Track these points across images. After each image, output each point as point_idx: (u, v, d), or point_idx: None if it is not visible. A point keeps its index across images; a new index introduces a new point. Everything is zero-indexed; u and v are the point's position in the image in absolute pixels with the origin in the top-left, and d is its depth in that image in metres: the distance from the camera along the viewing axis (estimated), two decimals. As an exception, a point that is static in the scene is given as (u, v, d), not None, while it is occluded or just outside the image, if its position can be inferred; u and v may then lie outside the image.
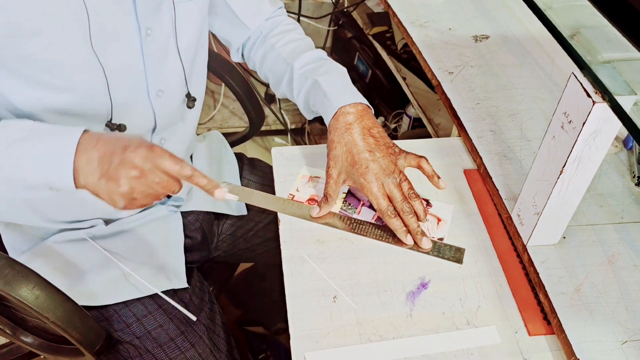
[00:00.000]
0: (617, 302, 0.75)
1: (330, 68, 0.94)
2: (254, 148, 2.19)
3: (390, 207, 0.82)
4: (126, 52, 0.81)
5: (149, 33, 0.82)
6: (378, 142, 0.86)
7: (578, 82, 0.66)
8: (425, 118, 1.51)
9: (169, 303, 0.93)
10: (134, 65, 0.83)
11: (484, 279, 0.81)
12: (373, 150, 0.84)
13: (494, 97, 1.07)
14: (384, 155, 0.85)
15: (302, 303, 0.77)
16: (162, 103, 0.89)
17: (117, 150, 0.70)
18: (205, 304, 0.98)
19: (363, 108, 0.88)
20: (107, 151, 0.70)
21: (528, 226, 0.80)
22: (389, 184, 0.83)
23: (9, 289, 0.81)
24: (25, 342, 0.98)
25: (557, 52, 1.18)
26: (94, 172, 0.70)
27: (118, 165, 0.69)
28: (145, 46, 0.82)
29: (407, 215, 0.82)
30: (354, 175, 0.84)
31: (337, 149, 0.86)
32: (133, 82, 0.85)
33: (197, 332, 0.93)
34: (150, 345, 0.91)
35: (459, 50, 1.19)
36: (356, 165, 0.84)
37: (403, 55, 1.69)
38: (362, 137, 0.85)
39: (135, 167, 0.69)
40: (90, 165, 0.70)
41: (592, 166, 0.71)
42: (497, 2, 1.36)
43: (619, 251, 0.82)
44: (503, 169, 0.93)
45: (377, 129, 0.87)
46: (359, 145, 0.85)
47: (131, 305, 0.93)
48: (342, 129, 0.86)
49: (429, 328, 0.75)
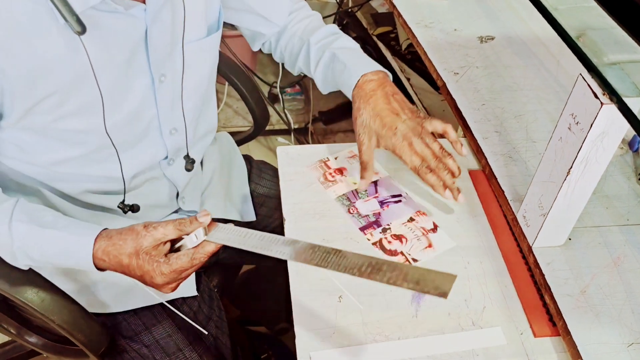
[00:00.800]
0: (623, 304, 0.75)
1: (344, 41, 0.97)
2: (258, 148, 2.19)
3: (424, 164, 0.84)
4: (139, 102, 0.80)
5: (162, 80, 0.81)
6: (402, 106, 0.88)
7: (586, 83, 0.66)
8: (429, 119, 1.51)
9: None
10: (146, 112, 0.82)
11: (489, 280, 0.81)
12: (399, 113, 0.87)
13: (499, 98, 1.07)
14: (411, 117, 0.87)
15: (307, 302, 0.77)
16: (175, 139, 0.89)
17: (137, 279, 0.75)
18: (214, 312, 0.98)
19: (384, 75, 0.91)
20: (123, 272, 0.75)
21: (534, 227, 0.80)
22: (419, 143, 0.85)
23: (15, 292, 0.81)
24: (29, 341, 0.99)
25: (563, 53, 1.18)
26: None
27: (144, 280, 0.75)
28: (159, 92, 0.81)
29: (442, 172, 0.84)
30: (385, 136, 0.86)
31: (364, 115, 0.87)
32: (144, 125, 0.84)
33: (205, 342, 0.93)
34: (159, 355, 0.91)
35: (464, 51, 1.19)
36: (385, 127, 0.86)
37: (407, 56, 1.69)
38: (386, 101, 0.87)
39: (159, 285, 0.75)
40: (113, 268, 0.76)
41: (599, 168, 0.71)
42: (502, 3, 1.35)
43: (625, 253, 0.81)
44: (508, 170, 0.93)
45: (400, 95, 0.89)
46: (386, 109, 0.87)
47: (140, 313, 0.93)
48: (367, 95, 0.88)
49: (435, 329, 0.75)
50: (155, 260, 0.72)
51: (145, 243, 0.72)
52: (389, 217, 0.88)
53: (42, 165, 0.81)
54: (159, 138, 0.86)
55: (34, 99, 0.70)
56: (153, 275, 0.73)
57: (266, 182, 1.17)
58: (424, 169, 0.84)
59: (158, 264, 0.72)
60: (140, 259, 0.72)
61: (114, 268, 0.75)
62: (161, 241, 0.73)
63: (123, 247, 0.73)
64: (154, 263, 0.72)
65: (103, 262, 0.75)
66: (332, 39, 0.97)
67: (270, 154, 2.16)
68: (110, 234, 0.75)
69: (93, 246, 0.74)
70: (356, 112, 0.88)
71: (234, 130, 2.10)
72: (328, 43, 0.96)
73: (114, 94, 0.76)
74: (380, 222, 0.88)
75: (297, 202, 0.90)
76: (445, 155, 0.85)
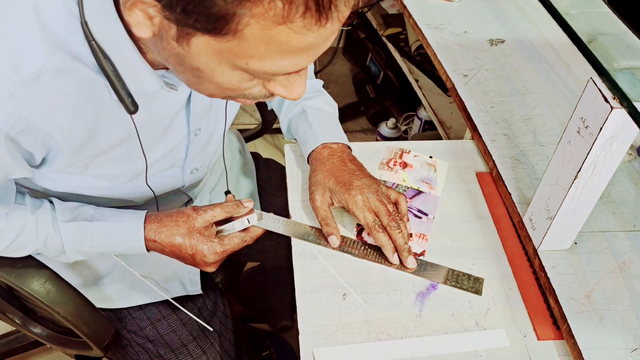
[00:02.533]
0: (627, 309, 0.75)
1: (321, 102, 0.96)
2: (264, 145, 2.19)
3: (377, 221, 0.81)
4: (173, 149, 0.80)
5: (197, 133, 0.81)
6: (360, 168, 0.87)
7: (596, 87, 0.66)
8: (437, 120, 1.51)
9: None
10: (175, 156, 0.82)
11: (494, 282, 0.81)
12: (355, 173, 0.85)
13: (508, 101, 1.07)
14: (367, 176, 0.85)
15: (311, 299, 0.77)
16: (194, 177, 0.89)
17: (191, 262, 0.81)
18: (218, 308, 0.98)
19: (344, 147, 0.89)
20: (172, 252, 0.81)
21: (540, 231, 0.80)
22: (373, 199, 0.82)
23: (21, 283, 0.82)
24: (33, 332, 0.99)
25: (573, 58, 1.17)
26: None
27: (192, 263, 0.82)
28: (192, 144, 0.82)
29: (394, 230, 0.80)
30: (338, 192, 0.83)
31: (319, 175, 0.86)
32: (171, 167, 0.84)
33: (209, 338, 0.94)
34: (163, 350, 0.91)
35: (474, 54, 1.19)
36: (339, 184, 0.83)
37: (416, 57, 1.69)
38: (342, 164, 0.86)
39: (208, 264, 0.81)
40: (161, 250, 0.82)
41: (607, 172, 0.71)
42: (513, 7, 1.35)
43: (631, 259, 0.81)
44: (516, 173, 0.93)
45: (357, 161, 0.88)
46: (341, 169, 0.85)
47: (145, 308, 0.93)
48: (323, 159, 0.87)
49: (438, 329, 0.75)
50: (209, 240, 0.79)
51: (197, 224, 0.79)
52: None
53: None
54: (179, 174, 0.86)
55: (78, 158, 0.70)
56: (206, 253, 0.79)
57: (274, 180, 1.17)
58: (376, 227, 0.80)
59: (212, 244, 0.79)
60: (194, 239, 0.79)
61: (164, 248, 0.80)
62: (210, 222, 0.80)
63: (175, 229, 0.79)
64: (208, 242, 0.79)
65: (154, 243, 0.80)
66: (310, 96, 0.96)
67: (277, 151, 2.16)
68: (159, 217, 0.80)
69: (144, 229, 0.79)
70: (311, 174, 0.87)
71: (241, 127, 2.10)
72: (304, 98, 0.95)
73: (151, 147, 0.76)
74: None
75: (304, 199, 0.90)
76: (398, 216, 0.82)
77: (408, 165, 0.97)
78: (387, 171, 0.96)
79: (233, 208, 0.81)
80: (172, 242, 0.79)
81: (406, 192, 0.92)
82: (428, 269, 0.81)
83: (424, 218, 0.88)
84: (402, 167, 0.97)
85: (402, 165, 0.97)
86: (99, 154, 0.71)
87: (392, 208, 0.82)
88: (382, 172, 0.96)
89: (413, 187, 0.93)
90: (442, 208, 0.91)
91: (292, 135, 0.97)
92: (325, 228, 0.83)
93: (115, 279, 0.93)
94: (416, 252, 0.83)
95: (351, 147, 0.91)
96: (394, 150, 1.00)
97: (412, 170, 0.96)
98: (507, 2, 1.38)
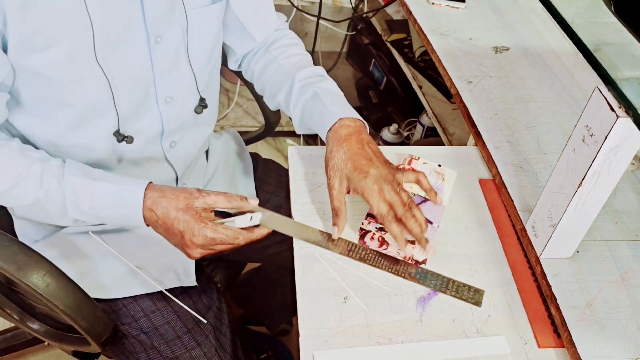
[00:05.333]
0: (629, 319, 0.75)
1: (329, 84, 0.97)
2: (266, 148, 2.19)
3: (391, 212, 0.81)
4: (134, 61, 0.81)
5: (158, 41, 0.81)
6: (376, 154, 0.86)
7: (602, 96, 0.66)
8: (439, 127, 1.51)
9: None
10: (142, 74, 0.83)
11: (495, 289, 0.81)
12: (372, 159, 0.85)
13: (512, 109, 1.07)
14: (383, 165, 0.85)
15: (312, 302, 0.77)
16: (170, 109, 0.89)
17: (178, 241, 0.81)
18: (213, 303, 0.98)
19: (361, 124, 0.89)
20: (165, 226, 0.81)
21: (542, 238, 0.80)
22: (389, 190, 0.82)
23: (21, 275, 0.81)
24: (32, 328, 0.99)
25: (577, 67, 1.18)
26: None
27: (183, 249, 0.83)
28: (155, 54, 0.82)
29: (409, 220, 0.80)
30: (355, 180, 0.83)
31: (336, 158, 0.85)
32: (141, 90, 0.85)
33: (204, 331, 0.93)
34: (157, 342, 0.91)
35: (479, 61, 1.19)
36: (356, 170, 0.83)
37: (420, 64, 1.69)
38: (360, 147, 0.86)
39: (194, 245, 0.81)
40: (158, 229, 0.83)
41: (611, 181, 0.71)
42: (518, 15, 1.36)
43: (633, 268, 0.81)
44: (519, 180, 0.93)
45: (375, 145, 0.88)
46: (359, 154, 0.85)
47: (140, 300, 0.93)
48: (341, 139, 0.86)
49: (439, 334, 0.75)
50: (202, 221, 0.79)
51: (197, 203, 0.79)
52: None
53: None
54: (154, 106, 0.87)
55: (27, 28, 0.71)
56: (196, 233, 0.78)
57: (272, 180, 1.17)
58: (389, 218, 0.80)
59: (204, 226, 0.78)
60: (188, 215, 0.78)
61: (158, 220, 0.80)
62: (211, 207, 0.80)
63: (174, 201, 0.79)
64: (201, 223, 0.78)
65: (150, 212, 0.80)
66: (318, 80, 0.97)
67: (279, 154, 2.17)
68: (162, 188, 0.81)
69: (144, 196, 0.80)
70: (328, 154, 0.87)
71: (243, 129, 2.11)
72: (313, 82, 0.96)
73: (109, 38, 0.77)
74: None
75: (306, 202, 0.90)
76: (413, 206, 0.82)
77: (418, 172, 0.96)
78: None
79: (237, 201, 0.81)
80: (167, 214, 0.79)
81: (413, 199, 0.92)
82: (429, 277, 0.81)
83: (429, 227, 0.88)
84: None
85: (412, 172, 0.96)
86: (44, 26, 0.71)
87: (407, 197, 0.82)
88: None
89: (420, 195, 0.92)
90: (444, 214, 0.91)
91: (306, 123, 0.96)
92: (334, 218, 0.84)
93: (109, 268, 0.93)
94: (418, 260, 0.83)
95: (367, 126, 0.91)
96: (403, 156, 0.99)
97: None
98: (512, 9, 1.38)
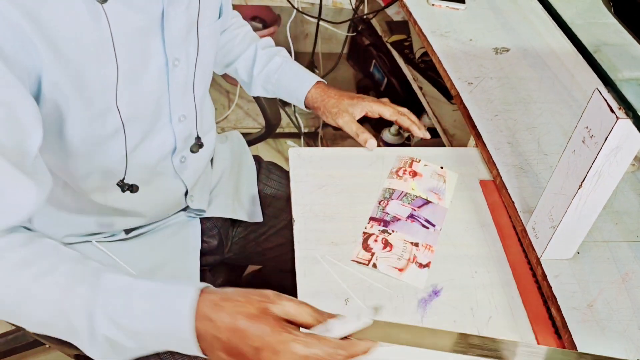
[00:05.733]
0: (630, 320, 0.75)
1: (287, 53, 1.13)
2: (266, 150, 2.19)
3: (395, 111, 1.05)
4: (151, 87, 0.80)
5: (176, 64, 0.80)
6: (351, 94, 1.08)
7: (602, 97, 0.66)
8: (440, 128, 1.51)
9: None
10: (158, 97, 0.82)
11: (496, 290, 0.81)
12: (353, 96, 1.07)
13: (512, 110, 1.07)
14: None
15: (313, 304, 0.76)
16: (182, 127, 0.88)
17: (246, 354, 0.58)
18: None
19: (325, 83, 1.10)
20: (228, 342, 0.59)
21: (543, 239, 0.80)
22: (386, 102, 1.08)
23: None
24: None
25: (578, 68, 1.18)
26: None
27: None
28: (172, 78, 0.81)
29: (410, 115, 1.07)
30: (356, 105, 1.04)
31: (331, 101, 1.05)
32: (155, 112, 0.83)
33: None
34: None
35: (479, 62, 1.19)
36: (353, 99, 1.05)
37: (420, 65, 1.69)
38: (339, 91, 1.07)
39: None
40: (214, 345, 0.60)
41: (612, 182, 0.71)
42: (518, 16, 1.36)
43: (634, 269, 0.81)
44: (519, 181, 0.93)
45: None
46: (344, 94, 1.06)
47: None
48: (323, 92, 1.07)
49: (440, 336, 0.75)
50: (287, 331, 0.57)
51: (275, 310, 0.59)
52: (401, 228, 0.88)
53: None
54: (168, 125, 0.86)
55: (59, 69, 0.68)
56: (280, 349, 0.56)
57: (274, 183, 1.17)
58: (397, 114, 1.04)
59: (294, 338, 0.57)
60: (265, 324, 0.58)
61: (219, 333, 0.59)
62: (290, 318, 0.60)
63: (243, 306, 0.59)
64: (285, 334, 0.57)
65: (206, 323, 0.59)
66: (278, 49, 1.13)
67: (279, 156, 2.17)
68: (223, 289, 0.63)
69: (198, 297, 0.60)
70: (321, 104, 1.05)
71: (244, 131, 2.11)
72: (276, 51, 1.12)
73: (129, 70, 0.75)
74: (389, 224, 0.88)
75: (307, 203, 0.91)
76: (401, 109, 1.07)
77: (417, 174, 0.97)
78: (395, 180, 0.95)
79: (324, 317, 0.61)
80: (234, 325, 0.58)
81: (414, 202, 0.92)
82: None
83: (431, 229, 0.88)
84: (411, 175, 0.97)
85: (412, 174, 0.97)
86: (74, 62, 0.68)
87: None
88: (390, 180, 0.95)
89: (422, 197, 0.93)
90: (448, 220, 0.91)
91: (272, 88, 1.11)
92: (361, 136, 1.01)
93: None
94: (422, 263, 0.83)
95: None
96: (404, 159, 0.99)
97: (421, 179, 0.96)
98: (512, 11, 1.38)
